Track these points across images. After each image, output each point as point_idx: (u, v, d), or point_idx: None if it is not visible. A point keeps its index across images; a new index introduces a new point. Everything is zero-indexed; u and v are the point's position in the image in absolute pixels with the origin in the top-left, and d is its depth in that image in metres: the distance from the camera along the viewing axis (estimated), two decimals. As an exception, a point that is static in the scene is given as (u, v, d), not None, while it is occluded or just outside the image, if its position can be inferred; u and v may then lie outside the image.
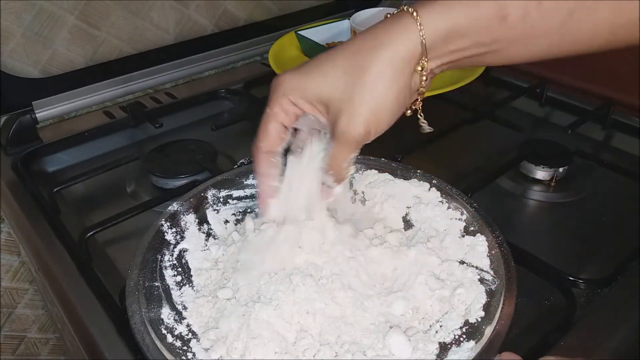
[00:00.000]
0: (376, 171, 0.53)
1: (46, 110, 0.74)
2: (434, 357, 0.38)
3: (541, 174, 0.63)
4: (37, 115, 0.73)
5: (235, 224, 0.51)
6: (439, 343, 0.39)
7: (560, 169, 0.63)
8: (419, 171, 0.52)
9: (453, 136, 0.69)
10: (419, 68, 0.37)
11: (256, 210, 0.50)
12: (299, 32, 0.85)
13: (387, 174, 0.53)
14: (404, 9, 0.36)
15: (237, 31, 0.91)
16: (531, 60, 0.37)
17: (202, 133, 0.75)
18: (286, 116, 0.40)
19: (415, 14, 0.35)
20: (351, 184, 0.54)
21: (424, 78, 0.37)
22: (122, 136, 0.76)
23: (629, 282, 0.48)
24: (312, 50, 0.84)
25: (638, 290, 0.47)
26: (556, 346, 0.42)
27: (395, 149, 0.61)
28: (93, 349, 0.44)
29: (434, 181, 0.51)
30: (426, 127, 0.43)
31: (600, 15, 0.34)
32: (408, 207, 0.51)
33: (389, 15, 0.38)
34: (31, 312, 0.89)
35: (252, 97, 0.81)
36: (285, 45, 0.87)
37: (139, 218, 0.56)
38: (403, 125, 0.40)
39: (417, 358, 0.37)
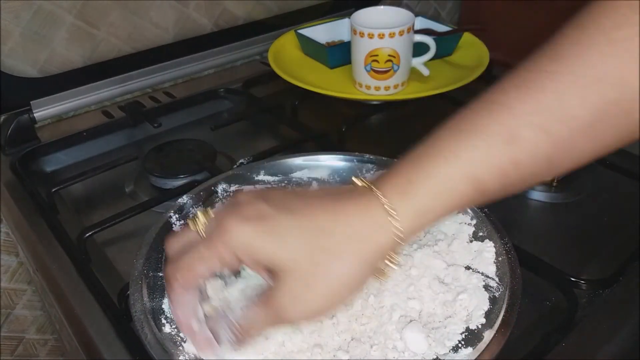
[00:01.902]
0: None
1: (44, 110, 0.74)
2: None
3: (542, 173, 0.63)
4: (35, 114, 0.73)
5: None
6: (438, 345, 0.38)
7: (562, 169, 0.63)
8: None
9: (453, 136, 0.69)
10: (389, 261, 0.34)
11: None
12: (299, 31, 0.85)
13: None
14: (375, 198, 0.33)
15: (236, 30, 0.91)
16: None
17: (201, 133, 0.74)
18: (220, 267, 0.34)
19: (391, 212, 0.32)
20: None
21: (387, 265, 0.34)
22: (121, 136, 0.75)
23: (630, 283, 0.48)
24: (312, 49, 0.84)
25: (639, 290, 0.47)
26: (557, 347, 0.42)
27: (395, 148, 0.60)
28: (91, 350, 0.44)
29: None
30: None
31: (580, 149, 0.32)
32: None
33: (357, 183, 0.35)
34: (29, 313, 0.88)
35: (251, 96, 0.81)
36: (285, 45, 0.86)
37: (137, 218, 0.55)
38: (403, 125, 0.40)
39: (415, 359, 0.37)
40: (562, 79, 0.31)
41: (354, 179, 0.35)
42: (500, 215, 0.48)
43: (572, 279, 0.48)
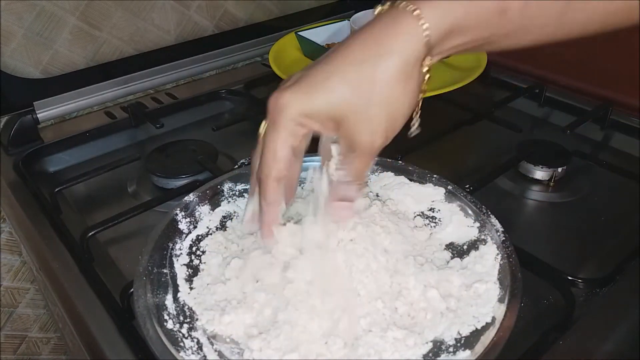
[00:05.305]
0: (392, 174, 0.53)
1: (47, 111, 0.74)
2: None
3: (540, 174, 0.63)
4: (38, 115, 0.73)
5: None
6: (435, 348, 0.39)
7: (559, 169, 0.63)
8: (435, 176, 0.52)
9: (452, 136, 0.69)
10: (424, 69, 0.36)
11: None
12: (299, 33, 0.85)
13: (402, 176, 0.53)
14: (401, 6, 0.35)
15: (237, 32, 0.91)
16: (521, 48, 0.37)
17: (202, 133, 0.75)
18: (294, 139, 0.37)
19: (417, 13, 0.34)
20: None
21: (427, 76, 0.37)
22: (123, 136, 0.76)
23: (628, 282, 0.48)
24: (313, 51, 0.84)
25: (637, 289, 0.47)
26: (555, 346, 0.42)
27: (394, 148, 0.61)
28: (94, 348, 0.45)
29: (449, 187, 0.51)
30: (415, 128, 0.41)
31: (595, 4, 0.35)
32: (422, 211, 0.51)
33: (381, 10, 0.36)
34: (32, 312, 0.89)
35: (252, 97, 0.81)
36: (286, 46, 0.87)
37: (140, 218, 0.56)
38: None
39: (411, 359, 0.37)
40: None
41: (380, 5, 0.37)
42: (499, 214, 0.48)
43: (570, 278, 0.48)
